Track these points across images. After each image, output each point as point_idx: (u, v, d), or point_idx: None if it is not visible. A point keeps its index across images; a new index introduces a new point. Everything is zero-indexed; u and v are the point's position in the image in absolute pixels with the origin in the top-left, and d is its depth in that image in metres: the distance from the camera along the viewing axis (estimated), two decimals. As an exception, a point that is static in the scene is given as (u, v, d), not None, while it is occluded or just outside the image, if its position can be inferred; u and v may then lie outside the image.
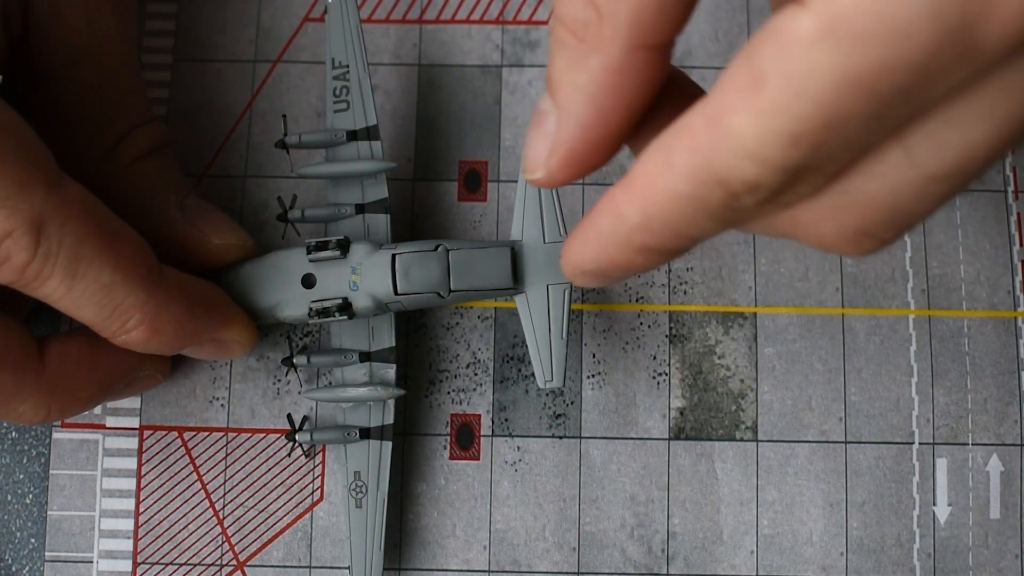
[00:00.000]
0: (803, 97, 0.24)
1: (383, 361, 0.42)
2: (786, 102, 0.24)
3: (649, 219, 0.28)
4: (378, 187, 0.42)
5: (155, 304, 0.37)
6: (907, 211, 0.27)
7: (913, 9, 0.23)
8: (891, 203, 0.27)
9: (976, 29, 0.23)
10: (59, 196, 0.34)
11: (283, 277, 0.41)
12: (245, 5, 0.47)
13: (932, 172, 0.26)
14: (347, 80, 0.43)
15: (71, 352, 0.39)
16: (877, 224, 0.27)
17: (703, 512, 0.43)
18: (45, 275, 0.35)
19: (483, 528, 0.43)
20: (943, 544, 0.43)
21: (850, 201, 0.27)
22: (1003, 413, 0.44)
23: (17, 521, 0.43)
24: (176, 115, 0.46)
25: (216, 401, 0.44)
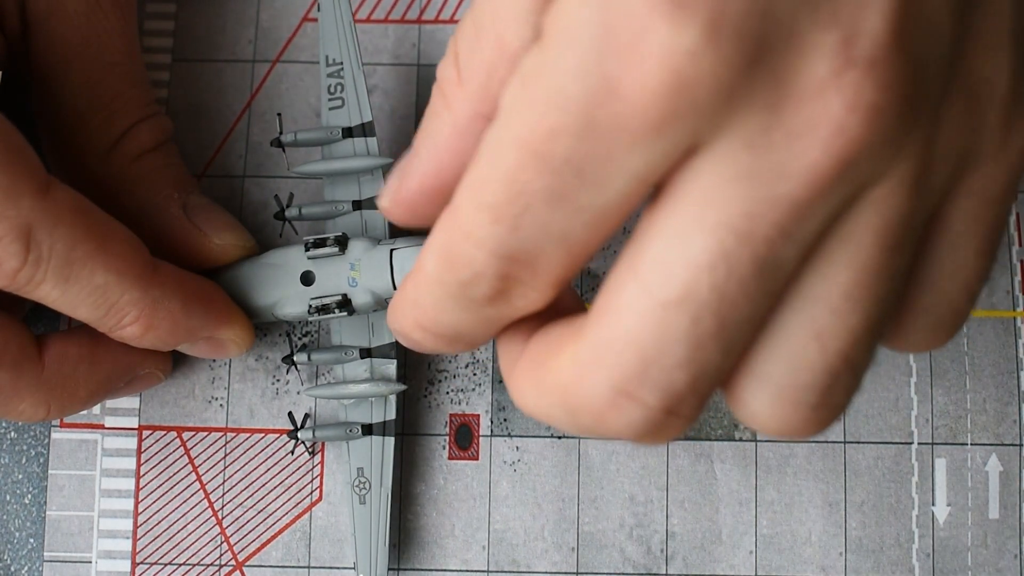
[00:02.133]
0: (494, 166, 0.24)
1: (384, 357, 0.42)
2: (485, 173, 0.24)
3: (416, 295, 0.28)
4: (375, 183, 0.42)
5: (151, 300, 0.37)
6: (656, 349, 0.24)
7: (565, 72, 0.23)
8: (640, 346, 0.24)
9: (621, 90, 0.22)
10: (48, 201, 0.34)
11: (282, 275, 0.41)
12: (244, 5, 0.47)
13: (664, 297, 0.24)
14: (341, 77, 0.43)
15: (70, 350, 0.39)
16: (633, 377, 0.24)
17: (702, 512, 0.43)
18: (37, 280, 0.35)
19: (482, 528, 0.43)
20: (942, 544, 0.43)
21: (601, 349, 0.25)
22: (1002, 413, 0.44)
23: (16, 521, 0.43)
24: (175, 115, 0.46)
25: (215, 401, 0.44)
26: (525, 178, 0.24)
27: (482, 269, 0.25)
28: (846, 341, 0.25)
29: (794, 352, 0.25)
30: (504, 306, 0.26)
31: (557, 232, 0.24)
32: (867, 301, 0.24)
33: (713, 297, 0.23)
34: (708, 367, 0.24)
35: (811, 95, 0.22)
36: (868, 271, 0.24)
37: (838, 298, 0.24)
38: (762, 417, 0.26)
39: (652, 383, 0.24)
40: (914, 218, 0.24)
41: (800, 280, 0.24)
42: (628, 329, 0.24)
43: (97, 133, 0.40)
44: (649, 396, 0.24)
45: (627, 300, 0.24)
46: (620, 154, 0.23)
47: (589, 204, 0.24)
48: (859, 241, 0.24)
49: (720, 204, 0.23)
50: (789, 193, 0.23)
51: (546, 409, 0.26)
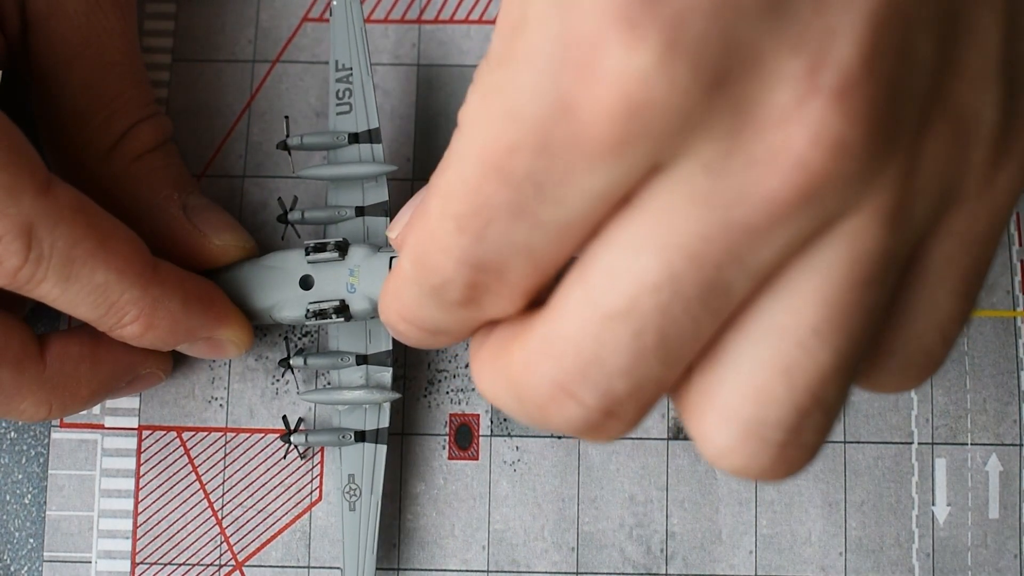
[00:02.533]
0: (458, 177, 0.24)
1: (379, 364, 0.42)
2: (451, 183, 0.24)
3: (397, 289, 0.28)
4: (378, 190, 0.42)
5: (151, 299, 0.37)
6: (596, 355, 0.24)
7: (523, 90, 0.22)
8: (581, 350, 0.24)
9: (577, 111, 0.22)
10: (49, 199, 0.34)
11: (281, 278, 0.41)
12: (244, 5, 0.47)
13: (607, 309, 0.24)
14: (350, 83, 0.43)
15: (72, 350, 0.39)
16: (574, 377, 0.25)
17: (702, 512, 0.43)
18: (38, 279, 0.35)
19: (482, 528, 0.43)
20: (942, 544, 0.43)
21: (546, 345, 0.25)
22: (1002, 413, 0.44)
23: (16, 521, 0.43)
24: (175, 115, 0.46)
25: (215, 401, 0.44)
26: (487, 191, 0.23)
27: (451, 276, 0.25)
28: (815, 378, 0.24)
29: (760, 386, 0.24)
30: (476, 310, 0.26)
31: (521, 245, 0.24)
32: (838, 337, 0.24)
33: (656, 314, 0.23)
34: (648, 378, 0.24)
35: (773, 124, 0.22)
36: (839, 306, 0.23)
37: (806, 332, 0.23)
38: (728, 454, 0.25)
39: (591, 385, 0.24)
40: (890, 253, 0.24)
41: (761, 306, 0.24)
42: (570, 333, 0.24)
43: (97, 133, 0.40)
44: (588, 397, 0.24)
45: (573, 305, 0.24)
46: (578, 173, 0.22)
47: (551, 219, 0.23)
48: (829, 274, 0.23)
49: (674, 224, 0.23)
50: (744, 219, 0.22)
51: (498, 395, 0.26)
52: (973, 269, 0.26)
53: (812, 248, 0.23)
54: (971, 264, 0.26)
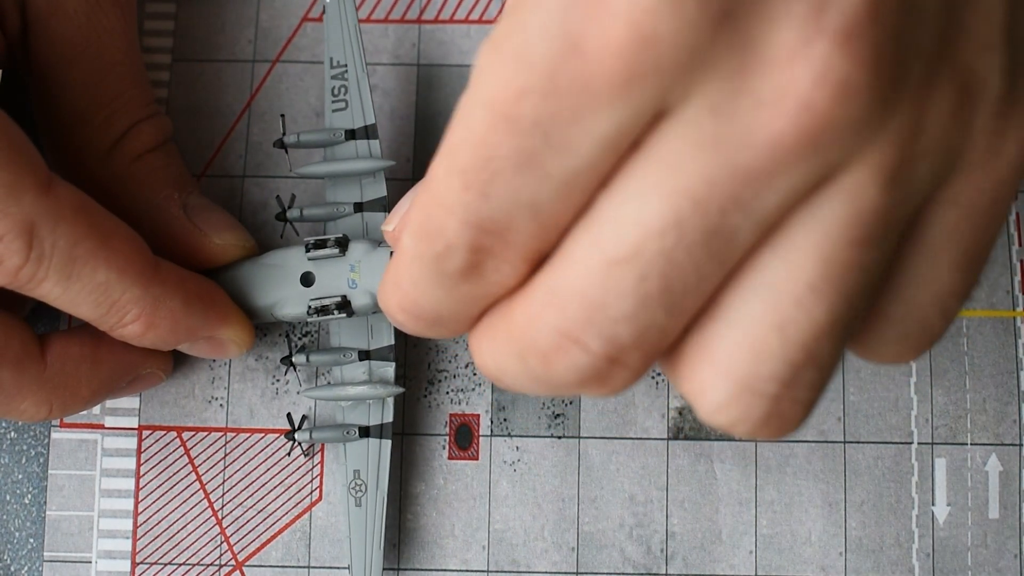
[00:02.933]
0: (466, 131, 0.24)
1: (382, 359, 0.42)
2: (457, 138, 0.24)
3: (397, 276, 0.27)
4: (376, 186, 0.42)
5: (152, 299, 0.37)
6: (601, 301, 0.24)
7: (532, 32, 0.22)
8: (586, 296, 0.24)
9: (585, 48, 0.22)
10: (50, 198, 0.34)
11: (282, 276, 0.41)
12: (244, 5, 0.47)
13: (613, 255, 0.24)
14: (345, 80, 0.43)
15: (73, 349, 0.39)
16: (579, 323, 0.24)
17: (702, 512, 0.43)
18: (39, 278, 0.35)
19: (482, 528, 0.43)
20: (942, 544, 0.43)
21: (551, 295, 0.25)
22: (1002, 413, 0.44)
23: (16, 521, 0.43)
24: (175, 115, 0.46)
25: (215, 401, 0.44)
26: (494, 142, 0.23)
27: (454, 240, 0.25)
28: (809, 334, 0.24)
29: (755, 339, 0.24)
30: (478, 282, 0.26)
31: (527, 200, 0.24)
32: (833, 295, 0.24)
33: (660, 260, 0.23)
34: (653, 325, 0.24)
35: (779, 63, 0.22)
36: (835, 263, 0.23)
37: (803, 288, 0.24)
38: (723, 408, 0.25)
39: (596, 331, 0.24)
40: (889, 214, 0.24)
41: (760, 261, 0.24)
42: (576, 280, 0.24)
43: (97, 133, 0.40)
44: (593, 343, 0.24)
45: (578, 254, 0.24)
46: (587, 116, 0.22)
47: (558, 170, 0.23)
48: (827, 230, 0.23)
49: (680, 170, 0.23)
50: (748, 163, 0.22)
51: (498, 358, 0.26)
52: (975, 243, 0.26)
53: (812, 202, 0.23)
54: (973, 237, 0.26)
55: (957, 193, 0.25)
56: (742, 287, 0.24)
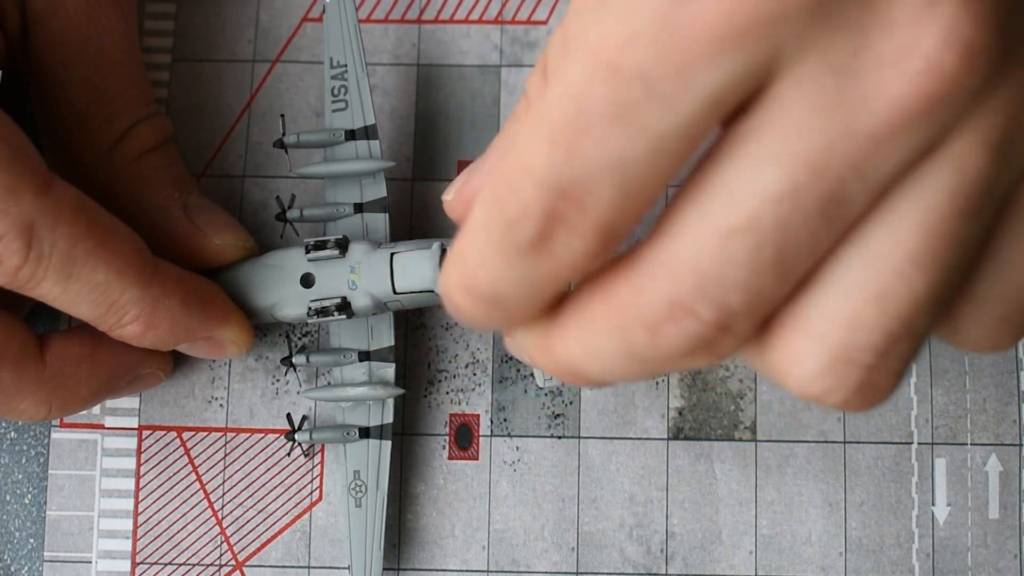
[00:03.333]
0: (561, 85, 0.23)
1: (382, 360, 0.42)
2: (551, 96, 0.24)
3: (462, 248, 0.26)
4: (376, 186, 0.42)
5: (151, 299, 0.37)
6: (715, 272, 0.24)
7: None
8: (699, 267, 0.24)
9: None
10: (50, 199, 0.34)
11: (282, 276, 0.41)
12: (244, 5, 0.47)
13: (727, 225, 0.23)
14: (345, 80, 0.43)
15: (72, 349, 0.39)
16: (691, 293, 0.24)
17: (702, 512, 0.43)
18: (39, 278, 0.35)
19: (482, 528, 0.43)
20: (942, 544, 0.43)
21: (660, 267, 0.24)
22: (1002, 413, 0.44)
23: (16, 521, 0.43)
24: (175, 115, 0.46)
25: (215, 401, 0.44)
26: (592, 92, 0.23)
27: (529, 203, 0.24)
28: (908, 306, 0.24)
29: (854, 309, 0.24)
30: (547, 257, 0.25)
31: (615, 159, 0.23)
32: (934, 267, 0.24)
33: (777, 229, 0.23)
34: (764, 292, 0.24)
35: (905, 22, 0.21)
36: (938, 235, 0.23)
37: (904, 259, 0.23)
38: (816, 378, 0.25)
39: (709, 300, 0.24)
40: (994, 184, 0.23)
41: (866, 230, 0.24)
42: (689, 253, 0.24)
43: (97, 133, 0.40)
44: (705, 311, 0.24)
45: (689, 226, 0.24)
46: (696, 66, 0.22)
47: (655, 126, 0.22)
48: (932, 200, 0.23)
49: (798, 134, 0.22)
50: (870, 127, 0.22)
51: (593, 342, 0.26)
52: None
53: (920, 170, 0.23)
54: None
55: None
56: (844, 257, 0.24)
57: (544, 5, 0.47)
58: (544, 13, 0.47)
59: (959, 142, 0.23)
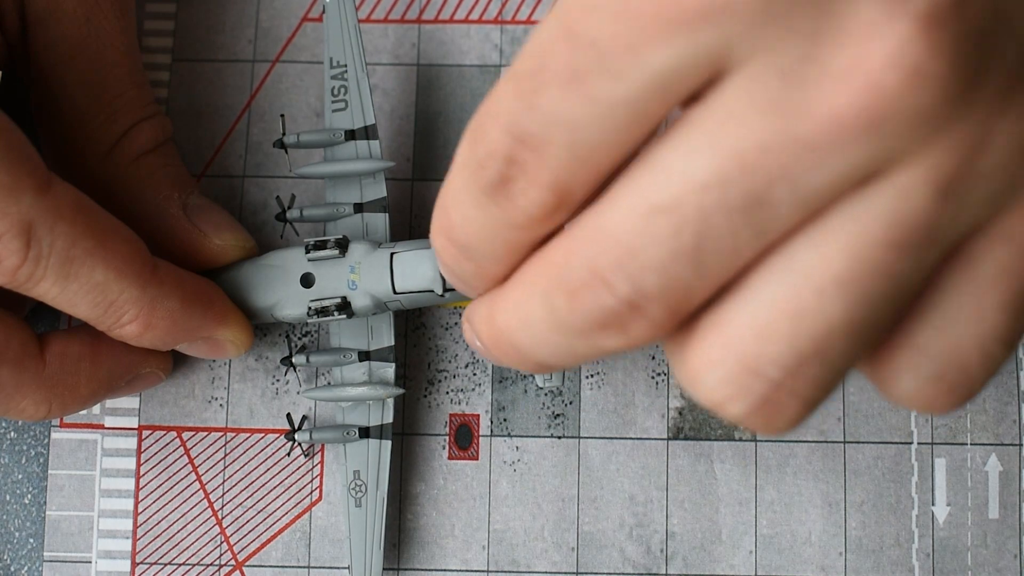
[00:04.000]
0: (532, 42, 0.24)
1: (382, 360, 0.42)
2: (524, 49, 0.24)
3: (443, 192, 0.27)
4: (376, 186, 0.42)
5: (149, 299, 0.37)
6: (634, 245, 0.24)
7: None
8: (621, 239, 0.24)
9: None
10: (49, 198, 0.34)
11: (282, 276, 0.41)
12: (244, 5, 0.47)
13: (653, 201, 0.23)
14: (345, 80, 0.43)
15: (72, 349, 0.39)
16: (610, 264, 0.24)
17: (702, 512, 0.43)
18: (37, 277, 0.35)
19: (482, 528, 0.43)
20: (942, 544, 0.43)
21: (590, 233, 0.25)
22: (1002, 413, 0.44)
23: (16, 521, 0.43)
24: (175, 115, 0.46)
25: (215, 401, 0.44)
26: (551, 52, 0.23)
27: (494, 147, 0.24)
28: (822, 328, 0.23)
29: (768, 320, 0.24)
30: (506, 205, 0.25)
31: (566, 119, 0.23)
32: (856, 295, 0.23)
33: (697, 217, 0.23)
34: (679, 280, 0.24)
35: (856, 36, 0.21)
36: (866, 263, 0.23)
37: (827, 280, 0.23)
38: (721, 385, 0.24)
39: (625, 274, 0.24)
40: (937, 227, 0.23)
41: (796, 245, 0.23)
42: (615, 222, 0.24)
43: (97, 133, 0.40)
44: (620, 285, 0.24)
45: (621, 199, 0.24)
46: (646, 44, 0.22)
47: (603, 94, 0.23)
48: (866, 226, 0.22)
49: (736, 129, 0.22)
50: (806, 135, 0.22)
51: (525, 305, 0.26)
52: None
53: (859, 194, 0.22)
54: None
55: (1013, 228, 0.24)
56: (768, 268, 0.24)
57: (544, 5, 0.47)
58: (544, 13, 0.47)
59: (903, 174, 0.22)
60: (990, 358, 0.25)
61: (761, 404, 0.24)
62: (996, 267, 0.24)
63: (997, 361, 0.25)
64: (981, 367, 0.25)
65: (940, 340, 0.25)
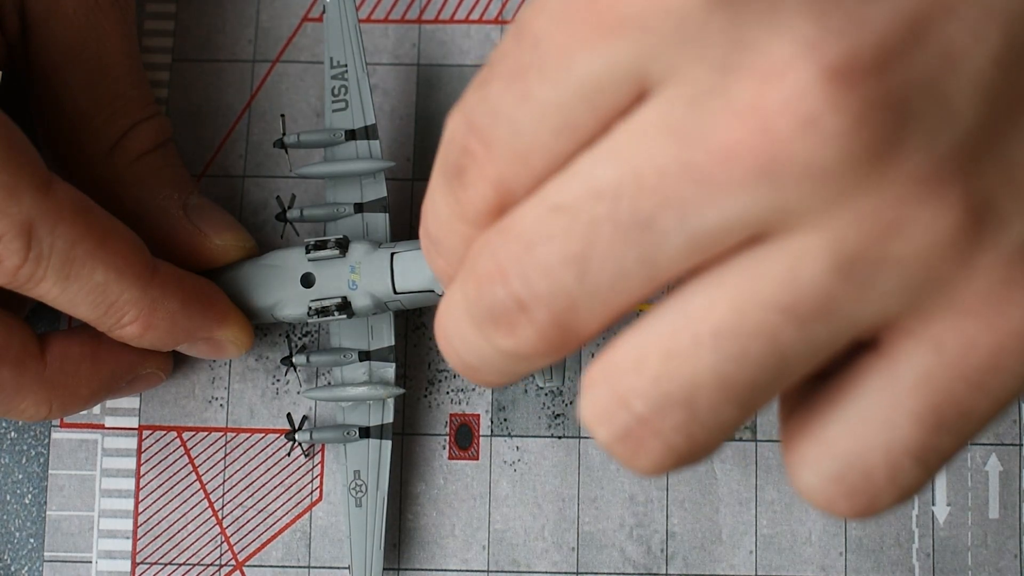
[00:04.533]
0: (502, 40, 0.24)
1: (382, 360, 0.42)
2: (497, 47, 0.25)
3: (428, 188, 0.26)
4: (377, 186, 0.42)
5: (150, 300, 0.37)
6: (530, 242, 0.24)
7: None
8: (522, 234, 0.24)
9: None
10: (49, 199, 0.34)
11: (282, 276, 0.41)
12: (244, 5, 0.47)
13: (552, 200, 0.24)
14: (345, 80, 0.43)
15: (73, 349, 0.39)
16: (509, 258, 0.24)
17: (702, 512, 0.43)
18: (38, 277, 0.35)
19: (482, 528, 0.43)
20: (942, 544, 0.43)
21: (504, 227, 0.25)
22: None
23: (16, 521, 0.43)
24: (175, 115, 0.46)
25: (215, 401, 0.44)
26: (503, 49, 0.24)
27: (454, 133, 0.25)
28: (691, 376, 0.22)
29: (642, 352, 0.23)
30: (460, 193, 0.25)
31: (509, 116, 0.23)
32: (732, 351, 0.22)
33: (587, 224, 0.22)
34: (562, 288, 0.23)
35: (761, 74, 0.20)
36: (748, 321, 0.22)
37: (705, 328, 0.22)
38: (589, 404, 0.24)
39: (518, 270, 0.23)
40: (832, 305, 0.21)
41: (686, 286, 0.23)
42: (521, 217, 0.23)
43: (97, 134, 0.40)
44: (514, 280, 0.23)
45: (530, 199, 0.24)
46: (577, 51, 0.22)
47: (537, 94, 0.23)
48: (754, 284, 0.21)
49: (638, 146, 0.22)
50: (698, 165, 0.21)
51: (451, 292, 0.26)
52: (953, 405, 0.22)
53: (753, 248, 0.22)
54: (952, 398, 0.22)
55: (940, 335, 0.22)
56: (658, 305, 0.23)
57: (544, 5, 0.47)
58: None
59: (801, 236, 0.21)
60: (898, 471, 0.23)
61: (623, 435, 0.23)
62: (917, 374, 0.22)
63: (907, 477, 0.23)
64: (887, 479, 0.23)
65: (847, 439, 0.23)
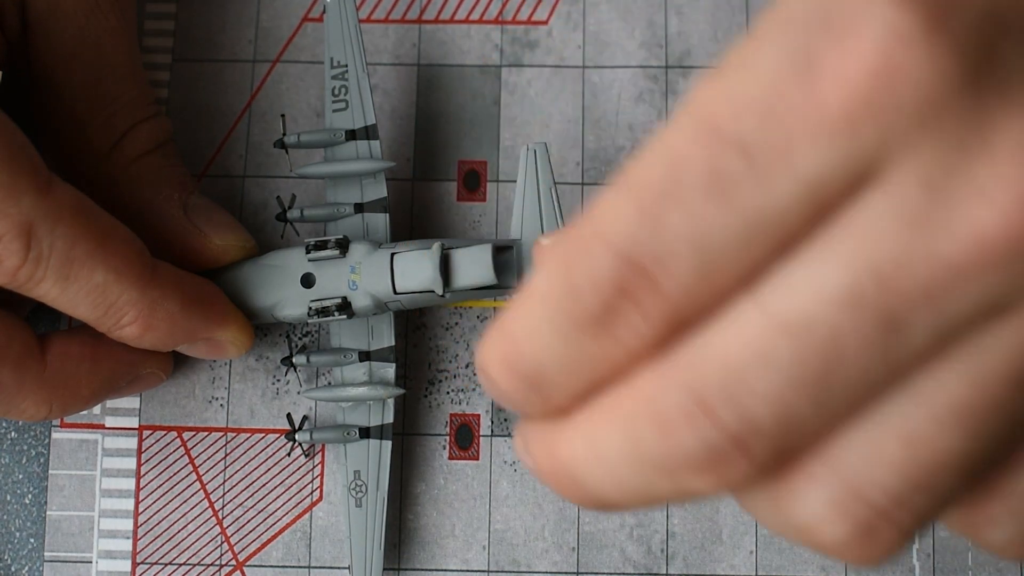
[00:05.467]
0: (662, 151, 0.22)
1: (383, 360, 0.42)
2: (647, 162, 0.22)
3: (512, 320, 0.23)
4: (377, 186, 0.42)
5: (149, 301, 0.37)
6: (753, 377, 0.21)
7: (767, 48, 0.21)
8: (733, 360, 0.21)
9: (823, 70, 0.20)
10: (49, 199, 0.34)
11: (282, 276, 0.41)
12: (244, 5, 0.47)
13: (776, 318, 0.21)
14: (346, 80, 0.43)
15: (73, 349, 0.39)
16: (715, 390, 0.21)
17: (702, 512, 0.43)
18: (38, 278, 0.35)
19: (482, 528, 0.43)
20: (942, 544, 0.43)
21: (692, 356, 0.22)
22: (1002, 413, 0.44)
23: (16, 521, 0.43)
24: (175, 115, 0.46)
25: (215, 401, 0.44)
26: (690, 155, 0.21)
27: (599, 273, 0.21)
28: (937, 457, 0.21)
29: (880, 444, 0.22)
30: (605, 337, 0.22)
31: (700, 231, 0.21)
32: (975, 427, 0.21)
33: (828, 339, 0.20)
34: (794, 416, 0.21)
35: (1009, 150, 0.20)
36: (987, 398, 0.21)
37: (946, 409, 0.21)
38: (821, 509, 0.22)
39: (733, 404, 0.21)
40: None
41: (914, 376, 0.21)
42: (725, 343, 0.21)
43: (97, 134, 0.40)
44: (726, 416, 0.21)
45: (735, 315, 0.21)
46: (800, 149, 0.20)
47: (748, 204, 0.21)
48: (990, 359, 0.21)
49: (874, 241, 0.20)
50: (948, 255, 0.20)
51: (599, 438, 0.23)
52: None
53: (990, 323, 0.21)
54: None
55: None
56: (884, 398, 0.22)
57: (544, 5, 0.47)
58: (544, 13, 0.47)
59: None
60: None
61: (861, 531, 0.22)
62: None
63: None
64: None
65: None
